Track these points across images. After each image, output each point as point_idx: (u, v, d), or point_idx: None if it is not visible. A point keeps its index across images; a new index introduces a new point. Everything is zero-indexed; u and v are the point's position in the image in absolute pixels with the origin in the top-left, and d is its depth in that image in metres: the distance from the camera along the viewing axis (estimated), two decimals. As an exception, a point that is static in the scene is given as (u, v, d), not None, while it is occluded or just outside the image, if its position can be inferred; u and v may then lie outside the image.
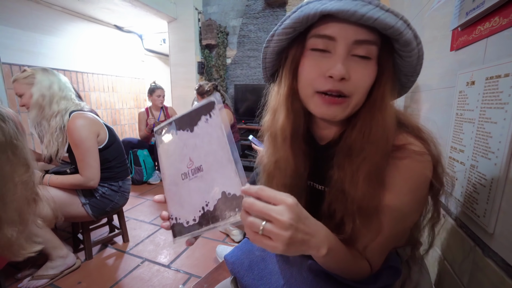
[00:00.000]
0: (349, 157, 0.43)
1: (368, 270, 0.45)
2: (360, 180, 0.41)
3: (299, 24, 0.40)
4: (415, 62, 0.41)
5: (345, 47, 0.39)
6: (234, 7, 3.24)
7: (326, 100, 0.41)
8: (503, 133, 0.44)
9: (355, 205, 0.42)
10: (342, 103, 0.41)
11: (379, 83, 0.42)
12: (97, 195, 1.30)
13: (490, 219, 0.47)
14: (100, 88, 3.40)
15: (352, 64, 0.39)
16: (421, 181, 0.41)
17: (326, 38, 0.39)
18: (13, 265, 1.33)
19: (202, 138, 0.39)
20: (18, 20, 2.48)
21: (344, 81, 0.39)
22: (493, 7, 0.48)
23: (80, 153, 1.19)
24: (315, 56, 0.41)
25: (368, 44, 0.39)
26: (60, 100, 1.20)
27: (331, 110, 0.41)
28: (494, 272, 0.45)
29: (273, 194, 0.32)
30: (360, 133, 0.42)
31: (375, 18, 0.35)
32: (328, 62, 0.40)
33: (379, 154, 0.41)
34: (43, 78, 1.18)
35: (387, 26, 0.35)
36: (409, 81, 0.45)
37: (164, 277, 1.26)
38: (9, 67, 2.41)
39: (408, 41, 0.37)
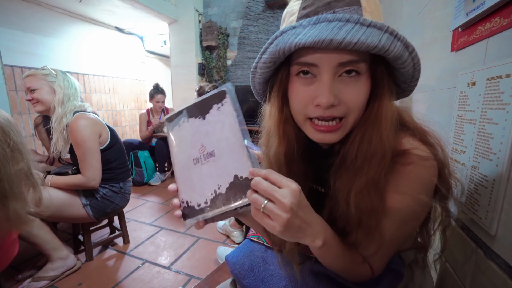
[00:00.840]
0: (344, 170, 0.43)
1: (369, 273, 0.45)
2: (351, 196, 0.41)
3: (277, 58, 0.39)
4: (411, 71, 0.39)
5: (329, 72, 0.37)
6: (235, 8, 3.25)
7: (320, 129, 0.40)
8: (505, 134, 0.44)
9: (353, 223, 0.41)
10: (338, 129, 0.40)
11: (374, 97, 0.40)
12: (98, 196, 1.30)
13: (492, 221, 0.46)
14: (101, 90, 3.41)
15: (340, 87, 0.38)
16: (425, 186, 0.41)
17: (308, 65, 0.38)
18: (14, 266, 1.33)
19: (214, 125, 0.40)
20: (20, 22, 2.50)
21: (334, 107, 0.38)
22: (493, 8, 0.48)
23: (82, 153, 1.20)
24: (301, 82, 0.40)
25: (354, 63, 0.37)
26: (71, 100, 1.26)
27: (327, 137, 0.41)
28: (496, 275, 0.45)
29: (279, 178, 0.33)
30: (353, 147, 0.41)
31: (355, 43, 0.32)
32: (315, 89, 0.39)
33: (375, 168, 0.39)
34: (63, 78, 1.26)
35: (370, 47, 0.33)
36: (409, 86, 0.44)
37: (165, 279, 1.25)
38: (11, 69, 2.42)
39: (397, 56, 0.35)
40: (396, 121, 0.41)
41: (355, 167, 0.41)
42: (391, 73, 0.40)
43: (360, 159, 0.40)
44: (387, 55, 0.35)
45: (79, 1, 2.63)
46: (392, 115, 0.40)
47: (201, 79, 3.45)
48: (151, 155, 2.76)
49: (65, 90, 1.24)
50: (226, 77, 3.43)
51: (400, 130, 0.44)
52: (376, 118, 0.40)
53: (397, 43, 0.34)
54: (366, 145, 0.40)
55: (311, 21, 0.35)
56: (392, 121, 0.40)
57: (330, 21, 0.34)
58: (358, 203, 0.40)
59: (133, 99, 3.97)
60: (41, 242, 1.17)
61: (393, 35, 0.34)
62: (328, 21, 0.34)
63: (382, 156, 0.39)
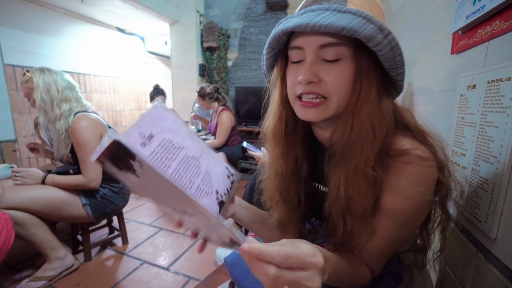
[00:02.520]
0: (334, 159, 0.45)
1: (368, 276, 0.45)
2: (341, 182, 0.43)
3: (274, 44, 0.45)
4: (390, 54, 0.39)
5: (312, 53, 0.41)
6: (236, 10, 3.26)
7: (304, 104, 0.44)
8: (505, 137, 0.44)
9: (340, 207, 0.44)
10: (319, 105, 0.43)
11: (359, 82, 0.42)
12: (98, 196, 1.30)
13: (492, 224, 0.46)
14: (102, 90, 3.41)
15: (322, 68, 0.42)
16: (426, 185, 0.41)
17: (297, 48, 0.43)
18: (12, 266, 1.33)
19: (151, 184, 0.33)
20: (22, 22, 2.50)
21: (314, 84, 0.42)
22: (493, 11, 0.48)
23: (83, 154, 1.19)
24: (294, 66, 0.45)
25: (334, 46, 0.40)
26: (61, 102, 1.19)
27: (309, 112, 0.44)
28: (496, 279, 0.44)
29: (302, 259, 0.28)
30: (342, 134, 0.44)
31: (325, 25, 0.36)
32: (301, 68, 0.43)
33: (360, 154, 0.41)
34: (40, 81, 1.16)
35: (338, 28, 0.36)
36: (397, 75, 0.43)
37: (163, 280, 1.25)
38: (12, 69, 2.42)
39: (368, 36, 0.36)
40: (390, 112, 0.42)
41: (343, 154, 0.43)
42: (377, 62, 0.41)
43: (346, 145, 0.43)
44: (357, 35, 0.36)
45: (81, 1, 2.64)
46: (378, 102, 0.42)
47: (201, 80, 3.45)
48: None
49: (43, 95, 1.14)
50: (227, 78, 3.44)
51: (401, 131, 0.44)
52: (356, 104, 0.42)
53: (369, 26, 0.36)
54: (348, 130, 0.42)
55: (300, 13, 0.41)
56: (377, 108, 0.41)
57: (313, 11, 0.39)
58: (346, 188, 0.42)
59: (134, 99, 3.98)
60: (39, 242, 1.16)
61: (366, 19, 0.36)
62: (312, 11, 0.39)
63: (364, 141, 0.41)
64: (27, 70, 1.20)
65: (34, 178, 1.20)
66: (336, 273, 0.39)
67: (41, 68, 1.20)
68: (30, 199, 1.12)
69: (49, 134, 1.23)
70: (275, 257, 0.27)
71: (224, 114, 2.26)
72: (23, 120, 2.55)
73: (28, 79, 1.18)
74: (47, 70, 1.20)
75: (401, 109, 0.47)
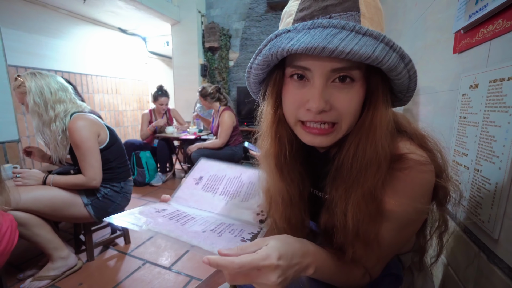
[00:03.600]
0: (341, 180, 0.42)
1: (367, 279, 0.45)
2: (349, 209, 0.40)
3: (270, 61, 0.39)
4: (406, 82, 0.38)
5: (322, 77, 0.36)
6: (237, 10, 3.26)
7: (312, 131, 0.40)
8: (508, 137, 0.43)
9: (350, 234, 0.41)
10: (330, 132, 0.39)
11: (369, 105, 0.39)
12: (99, 196, 1.31)
13: (495, 224, 0.46)
14: (104, 90, 3.43)
15: (333, 92, 0.37)
16: (423, 189, 0.40)
17: (301, 68, 0.38)
18: (15, 265, 1.34)
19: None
20: (25, 23, 2.52)
21: (325, 112, 0.37)
22: (496, 10, 0.48)
23: (82, 154, 1.20)
24: (295, 85, 0.40)
25: (347, 70, 0.36)
26: (55, 104, 1.19)
27: (318, 139, 0.40)
28: (499, 279, 0.44)
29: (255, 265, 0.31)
30: (348, 157, 0.40)
31: (347, 52, 0.31)
32: (307, 92, 0.38)
33: (371, 180, 0.39)
34: (32, 85, 1.15)
35: (363, 57, 0.32)
36: (405, 97, 0.42)
37: (165, 280, 1.25)
38: (15, 69, 2.44)
39: (392, 67, 0.34)
40: (392, 128, 0.41)
41: (351, 178, 0.40)
42: (386, 82, 0.39)
43: (356, 169, 0.39)
44: (381, 66, 0.34)
45: (83, 2, 2.65)
46: (388, 123, 0.39)
47: (203, 80, 3.46)
48: (153, 155, 2.76)
49: (36, 99, 1.13)
50: (228, 78, 3.44)
51: (397, 135, 0.43)
52: (370, 127, 0.39)
53: (392, 54, 0.33)
54: (361, 154, 0.39)
55: (306, 26, 0.34)
56: (387, 130, 0.39)
57: (325, 27, 0.32)
58: (355, 215, 0.39)
59: (136, 99, 3.99)
60: (42, 242, 1.17)
61: (388, 46, 0.33)
62: (323, 27, 0.32)
63: (378, 166, 0.38)
64: (18, 75, 1.19)
65: (35, 179, 1.20)
66: (326, 267, 0.39)
67: (32, 72, 1.19)
68: (32, 200, 1.13)
69: (45, 137, 1.23)
70: (229, 268, 0.31)
71: (226, 114, 2.26)
72: (26, 120, 2.56)
73: (20, 84, 1.17)
74: (38, 74, 1.19)
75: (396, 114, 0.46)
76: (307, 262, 0.36)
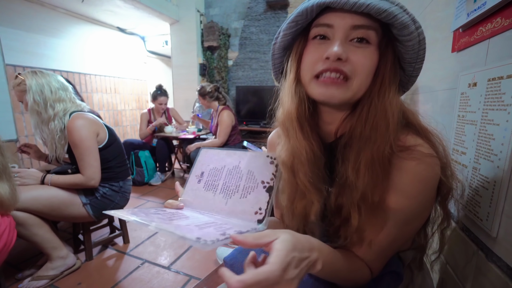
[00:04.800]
0: (351, 146, 0.44)
1: (368, 275, 0.45)
2: (361, 167, 0.41)
3: (300, 18, 0.42)
4: (416, 47, 0.40)
5: (343, 31, 0.40)
6: (236, 9, 3.25)
7: (324, 81, 0.42)
8: (506, 135, 0.43)
9: (358, 194, 0.42)
10: (342, 85, 0.41)
11: (379, 70, 0.42)
12: (98, 195, 1.30)
13: (493, 222, 0.46)
14: (103, 90, 3.42)
15: (351, 48, 0.41)
16: (429, 183, 0.41)
17: (325, 26, 0.42)
18: (14, 265, 1.34)
19: None
20: (23, 22, 2.51)
21: (342, 61, 0.40)
22: (494, 8, 0.48)
23: (80, 153, 1.20)
24: (316, 43, 0.43)
25: (365, 29, 0.40)
26: (54, 103, 1.19)
27: (330, 90, 0.41)
28: (497, 277, 0.44)
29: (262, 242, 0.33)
30: (360, 119, 0.43)
31: (367, 4, 0.36)
32: (326, 47, 0.41)
33: (380, 140, 0.41)
34: (32, 83, 1.15)
35: (380, 10, 0.36)
36: (414, 69, 0.44)
37: (164, 279, 1.25)
38: (13, 69, 2.43)
39: (404, 24, 0.37)
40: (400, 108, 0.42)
41: (363, 139, 0.42)
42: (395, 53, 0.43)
43: (367, 129, 0.42)
44: (395, 21, 0.37)
45: (81, 1, 2.64)
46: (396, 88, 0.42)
47: (202, 79, 3.46)
48: (152, 155, 2.76)
49: (36, 97, 1.14)
50: (227, 77, 3.44)
51: (404, 127, 0.44)
52: (380, 89, 0.42)
53: (405, 15, 0.37)
54: (372, 115, 0.42)
55: None
56: (396, 98, 0.42)
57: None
58: (365, 175, 0.41)
59: (134, 99, 3.98)
60: (41, 241, 1.17)
61: (402, 9, 0.38)
62: None
63: (386, 126, 0.41)
64: (19, 73, 1.20)
65: (33, 178, 1.20)
66: (331, 264, 0.39)
67: (33, 71, 1.19)
68: (31, 199, 1.12)
69: (43, 135, 1.23)
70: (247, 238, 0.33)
71: (225, 113, 2.26)
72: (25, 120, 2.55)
73: (21, 82, 1.17)
74: (39, 72, 1.19)
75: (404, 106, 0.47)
76: (314, 256, 0.36)
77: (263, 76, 3.25)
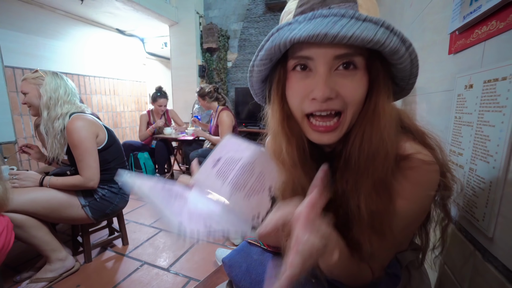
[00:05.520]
0: (350, 173, 0.42)
1: (370, 277, 0.44)
2: (362, 200, 0.40)
3: (273, 54, 0.39)
4: (409, 67, 0.38)
5: (325, 65, 0.37)
6: (235, 11, 3.27)
7: (317, 129, 0.40)
8: (501, 136, 0.44)
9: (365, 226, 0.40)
10: (336, 128, 0.39)
11: (371, 93, 0.39)
12: (97, 197, 1.30)
13: (489, 223, 0.46)
14: (102, 91, 3.42)
15: (337, 80, 0.37)
16: (429, 190, 0.41)
17: (304, 58, 0.38)
18: (13, 267, 1.33)
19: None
20: (22, 24, 2.51)
21: (331, 100, 0.37)
22: (490, 11, 0.48)
23: (79, 154, 1.20)
24: (298, 77, 0.40)
25: (350, 56, 0.37)
26: (64, 103, 1.24)
27: (325, 137, 0.40)
28: (494, 278, 0.44)
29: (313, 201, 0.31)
30: (355, 148, 0.41)
31: (349, 36, 0.32)
32: (310, 83, 0.38)
33: (380, 168, 0.39)
34: (50, 81, 1.23)
35: (365, 41, 0.32)
36: (408, 84, 0.43)
37: (163, 281, 1.25)
38: (12, 71, 2.43)
39: (393, 50, 0.34)
40: (397, 119, 0.41)
41: (360, 169, 0.40)
42: (387, 70, 0.40)
43: (363, 160, 0.39)
44: (383, 49, 0.34)
45: (81, 3, 2.65)
46: (391, 112, 0.39)
47: (201, 81, 3.46)
48: (151, 156, 2.76)
49: (51, 93, 1.21)
50: (227, 79, 3.44)
51: (402, 134, 0.43)
52: (374, 115, 0.39)
53: (393, 38, 0.34)
54: (367, 144, 0.39)
55: (307, 17, 0.35)
56: (391, 118, 0.39)
57: (325, 16, 0.33)
58: (368, 207, 0.39)
59: (134, 100, 3.98)
60: (39, 243, 1.16)
61: (389, 30, 0.34)
62: (324, 16, 0.33)
63: (385, 154, 0.38)
64: (38, 70, 1.28)
65: (32, 180, 1.20)
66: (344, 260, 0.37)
67: (54, 72, 1.29)
68: (29, 202, 1.12)
69: (49, 132, 1.25)
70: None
71: (224, 113, 2.27)
72: (23, 121, 2.55)
73: (38, 76, 1.24)
74: (59, 74, 1.29)
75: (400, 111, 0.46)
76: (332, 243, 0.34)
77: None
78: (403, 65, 0.38)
